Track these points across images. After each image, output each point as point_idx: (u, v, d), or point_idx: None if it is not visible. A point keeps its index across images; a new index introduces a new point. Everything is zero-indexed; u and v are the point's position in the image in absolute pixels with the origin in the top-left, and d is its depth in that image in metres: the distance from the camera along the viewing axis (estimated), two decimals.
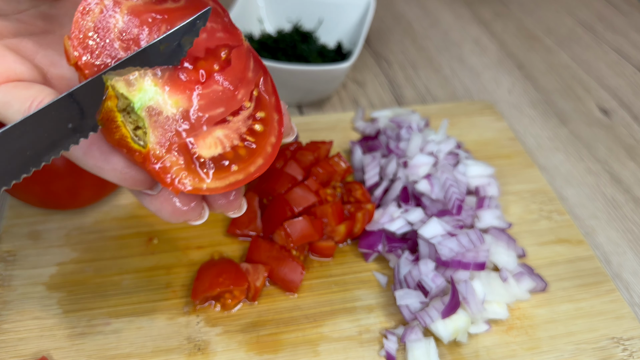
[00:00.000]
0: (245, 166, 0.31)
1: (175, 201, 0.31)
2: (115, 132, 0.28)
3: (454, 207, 0.51)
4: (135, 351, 0.44)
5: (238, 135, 0.31)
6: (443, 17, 0.93)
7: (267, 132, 0.31)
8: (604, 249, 0.56)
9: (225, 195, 0.32)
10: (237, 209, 0.33)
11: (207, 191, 0.29)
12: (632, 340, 0.47)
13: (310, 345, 0.45)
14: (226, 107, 0.31)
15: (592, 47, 0.87)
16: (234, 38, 0.32)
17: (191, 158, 0.29)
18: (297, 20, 0.78)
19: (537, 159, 0.67)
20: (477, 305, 0.45)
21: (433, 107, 0.70)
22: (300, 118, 0.68)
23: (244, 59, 0.32)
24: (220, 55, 0.31)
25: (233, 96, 0.31)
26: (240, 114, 0.31)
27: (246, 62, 0.32)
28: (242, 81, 0.31)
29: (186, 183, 0.29)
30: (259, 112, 0.32)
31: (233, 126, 0.31)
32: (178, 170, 0.29)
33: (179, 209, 0.31)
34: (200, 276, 0.47)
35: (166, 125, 0.29)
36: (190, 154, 0.29)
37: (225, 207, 0.33)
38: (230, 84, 0.31)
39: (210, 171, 0.30)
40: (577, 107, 0.75)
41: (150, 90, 0.29)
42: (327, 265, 0.51)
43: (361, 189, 0.55)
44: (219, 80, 0.31)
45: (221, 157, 0.30)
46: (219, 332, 0.46)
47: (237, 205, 0.33)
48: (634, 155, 0.68)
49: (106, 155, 0.29)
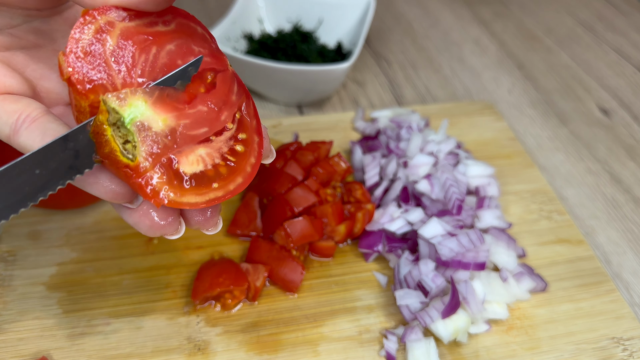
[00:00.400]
0: (225, 184, 0.32)
1: (154, 215, 0.32)
2: (104, 146, 0.30)
3: (454, 207, 0.51)
4: (136, 351, 0.44)
5: (220, 154, 0.32)
6: (443, 17, 0.93)
7: (247, 152, 0.33)
8: (604, 249, 0.56)
9: (203, 212, 0.33)
10: (214, 226, 0.34)
11: (187, 205, 0.31)
12: (632, 340, 0.47)
13: (310, 345, 0.45)
14: (210, 127, 0.32)
15: (592, 47, 0.87)
16: (219, 63, 0.33)
17: (174, 173, 0.31)
18: (297, 20, 0.78)
19: (537, 159, 0.67)
20: (477, 305, 0.45)
21: (433, 107, 0.70)
22: (300, 118, 0.68)
23: (228, 83, 0.33)
24: (206, 78, 0.33)
25: (217, 117, 0.32)
26: (223, 135, 0.33)
27: (230, 86, 0.33)
28: (226, 104, 0.33)
29: (167, 197, 0.30)
30: (241, 133, 0.33)
31: (215, 145, 0.32)
32: (161, 184, 0.30)
33: (156, 223, 0.32)
34: (200, 276, 0.47)
35: (153, 141, 0.30)
36: (173, 170, 0.31)
37: (202, 223, 0.34)
38: (215, 105, 0.32)
39: (192, 187, 0.31)
40: (577, 107, 0.75)
41: (140, 106, 0.30)
42: (327, 265, 0.51)
43: (361, 189, 0.55)
44: (204, 102, 0.32)
45: (203, 174, 0.32)
46: (219, 332, 0.46)
47: (213, 222, 0.34)
48: (634, 155, 0.68)
49: (98, 173, 0.31)
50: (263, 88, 0.70)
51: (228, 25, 0.71)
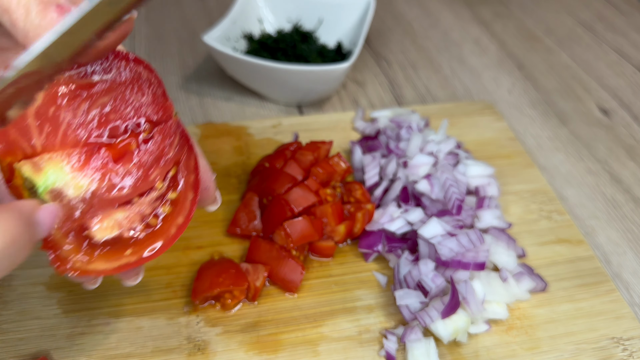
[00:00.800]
0: (140, 249, 0.30)
1: None
2: None
3: (453, 207, 0.51)
4: (136, 351, 0.44)
5: (141, 217, 0.30)
6: (443, 17, 0.93)
7: (175, 212, 0.31)
8: (604, 249, 0.56)
9: None
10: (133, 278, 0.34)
11: (94, 273, 0.29)
12: (632, 340, 0.47)
13: (310, 345, 0.45)
14: (134, 189, 0.30)
15: (592, 47, 0.87)
16: (163, 112, 0.31)
17: (84, 240, 0.29)
18: (297, 20, 0.78)
19: (537, 159, 0.67)
20: (477, 305, 0.45)
21: (433, 107, 0.70)
22: (300, 118, 0.68)
23: (167, 136, 0.31)
24: (142, 131, 0.31)
25: (145, 177, 0.30)
26: (148, 196, 0.30)
27: (169, 139, 0.31)
28: (158, 160, 0.31)
29: (73, 265, 0.29)
30: (171, 192, 0.31)
31: (136, 208, 0.30)
32: (68, 252, 0.29)
33: None
34: (200, 276, 0.47)
35: (67, 208, 0.29)
36: (83, 236, 0.29)
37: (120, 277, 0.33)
38: (145, 163, 0.30)
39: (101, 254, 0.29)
40: (577, 107, 0.75)
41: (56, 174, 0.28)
42: (327, 265, 0.51)
43: (361, 189, 0.55)
44: (133, 160, 0.30)
45: (118, 239, 0.30)
46: (219, 332, 0.46)
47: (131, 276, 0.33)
48: (634, 155, 0.68)
49: None
50: (263, 88, 0.70)
51: (228, 25, 0.72)
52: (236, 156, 0.62)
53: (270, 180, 0.53)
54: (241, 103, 0.72)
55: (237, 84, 0.74)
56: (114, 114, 0.30)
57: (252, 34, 0.76)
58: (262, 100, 0.73)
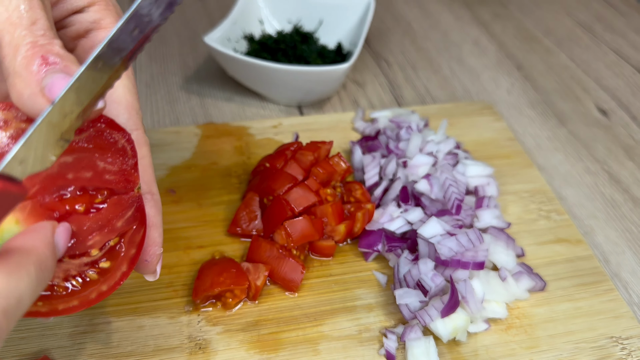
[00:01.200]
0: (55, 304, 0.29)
1: None
2: None
3: (453, 207, 0.51)
4: (137, 350, 0.44)
5: (64, 276, 0.29)
6: (443, 18, 0.93)
7: (101, 280, 0.30)
8: (603, 249, 0.57)
9: None
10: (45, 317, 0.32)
11: None
12: (630, 340, 0.47)
13: (311, 344, 0.45)
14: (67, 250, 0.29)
15: (591, 48, 0.87)
16: (125, 184, 0.31)
17: None
18: (297, 21, 0.78)
19: (536, 159, 0.67)
20: (476, 305, 0.46)
21: (432, 107, 0.70)
22: (300, 118, 0.68)
23: (121, 207, 0.30)
24: (97, 197, 0.30)
25: (82, 241, 0.30)
26: (79, 259, 0.30)
27: (122, 210, 0.30)
28: (104, 228, 0.30)
29: None
30: (104, 261, 0.30)
31: (62, 266, 0.29)
32: None
33: None
34: (201, 275, 0.48)
35: None
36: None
37: None
38: (87, 228, 0.30)
39: None
40: (576, 108, 0.75)
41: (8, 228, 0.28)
42: (327, 264, 0.52)
43: (361, 188, 0.55)
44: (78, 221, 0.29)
45: None
46: (220, 331, 0.46)
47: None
48: (633, 155, 0.68)
49: None
50: (264, 88, 0.71)
51: (229, 26, 0.72)
52: (237, 156, 0.62)
53: (271, 180, 0.53)
54: (242, 103, 0.73)
55: (238, 84, 0.74)
56: (71, 174, 0.29)
57: (253, 34, 0.76)
58: (262, 100, 0.73)
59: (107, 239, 0.30)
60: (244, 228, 0.53)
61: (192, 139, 0.63)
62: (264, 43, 0.74)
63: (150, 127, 0.68)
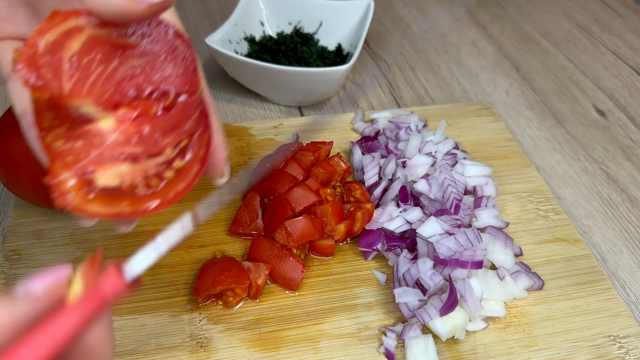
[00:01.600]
0: (137, 204, 0.31)
1: None
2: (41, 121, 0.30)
3: (452, 207, 0.52)
4: (139, 348, 0.45)
5: (144, 176, 0.32)
6: (442, 19, 0.94)
7: (177, 179, 0.32)
8: (600, 248, 0.57)
9: None
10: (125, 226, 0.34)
11: (89, 213, 0.31)
12: (628, 338, 0.47)
13: (311, 342, 0.46)
14: (144, 149, 0.32)
15: (588, 49, 0.88)
16: (190, 86, 0.32)
17: (86, 182, 0.31)
18: (297, 23, 0.79)
19: (534, 159, 0.67)
20: (474, 303, 0.46)
21: (431, 108, 0.71)
22: (301, 119, 0.68)
23: (188, 109, 0.32)
24: (167, 98, 0.32)
25: (156, 141, 0.32)
26: (156, 159, 0.32)
27: (188, 113, 0.32)
28: (174, 130, 0.32)
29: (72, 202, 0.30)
30: (179, 161, 0.32)
31: (141, 166, 0.31)
32: (69, 189, 0.30)
33: None
34: (202, 274, 0.48)
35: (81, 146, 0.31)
36: (87, 179, 0.31)
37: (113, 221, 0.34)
38: (161, 128, 0.32)
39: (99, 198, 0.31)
40: (573, 108, 0.76)
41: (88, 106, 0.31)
42: (327, 263, 0.52)
43: (361, 188, 0.55)
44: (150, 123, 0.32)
45: (117, 190, 0.31)
46: (221, 329, 0.46)
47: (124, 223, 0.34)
48: (630, 156, 0.69)
49: None
50: (264, 90, 0.71)
51: (230, 27, 0.72)
52: (238, 156, 0.62)
53: (272, 180, 0.53)
54: (243, 104, 0.73)
55: (239, 85, 0.75)
56: (141, 77, 0.31)
57: (254, 36, 0.77)
58: (263, 101, 0.74)
59: (179, 140, 0.32)
60: (245, 227, 0.53)
61: None
62: (264, 44, 0.75)
63: None
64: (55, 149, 0.31)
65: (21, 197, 0.52)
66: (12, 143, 0.48)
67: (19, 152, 0.48)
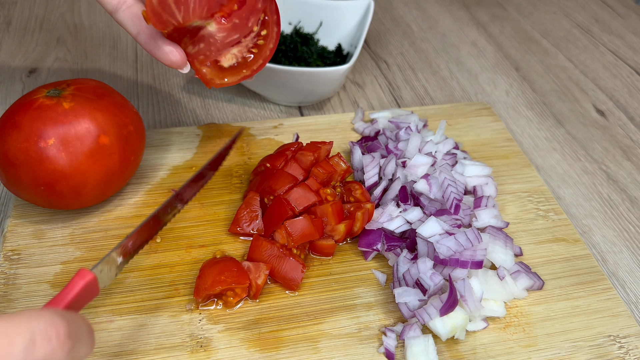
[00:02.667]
0: (251, 67, 0.51)
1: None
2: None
3: (452, 207, 0.52)
4: (138, 348, 0.45)
5: (247, 49, 0.51)
6: (441, 20, 0.94)
7: (267, 42, 0.51)
8: (600, 248, 0.57)
9: None
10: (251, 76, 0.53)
11: (226, 84, 0.51)
12: (628, 338, 0.47)
13: (311, 342, 0.46)
14: (240, 33, 0.49)
15: (588, 49, 0.88)
16: None
17: (218, 68, 0.51)
18: (297, 23, 0.79)
19: (534, 159, 0.67)
20: (474, 303, 0.46)
21: (431, 108, 0.71)
22: (301, 119, 0.68)
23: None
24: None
25: (245, 25, 0.49)
26: (249, 36, 0.50)
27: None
28: (253, 12, 0.49)
29: (214, 81, 0.51)
30: (263, 30, 0.50)
31: (244, 44, 0.50)
32: (210, 74, 0.51)
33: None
34: (202, 274, 0.48)
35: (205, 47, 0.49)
36: (217, 65, 0.50)
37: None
38: (245, 17, 0.49)
39: (229, 72, 0.51)
40: (573, 108, 0.76)
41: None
42: (327, 263, 0.52)
43: (361, 188, 0.55)
44: (237, 16, 0.48)
45: (235, 64, 0.51)
46: (221, 329, 0.46)
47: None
48: (630, 156, 0.69)
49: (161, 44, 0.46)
50: (264, 90, 0.71)
51: None
52: (238, 156, 0.62)
53: (272, 180, 0.53)
54: (243, 104, 0.73)
55: (239, 85, 0.75)
56: None
57: None
58: (263, 101, 0.74)
59: (258, 17, 0.50)
60: (245, 227, 0.53)
61: (194, 140, 0.64)
62: None
63: (152, 127, 0.69)
64: (189, 52, 0.48)
65: (21, 197, 0.52)
66: (12, 143, 0.48)
67: (19, 152, 0.48)
